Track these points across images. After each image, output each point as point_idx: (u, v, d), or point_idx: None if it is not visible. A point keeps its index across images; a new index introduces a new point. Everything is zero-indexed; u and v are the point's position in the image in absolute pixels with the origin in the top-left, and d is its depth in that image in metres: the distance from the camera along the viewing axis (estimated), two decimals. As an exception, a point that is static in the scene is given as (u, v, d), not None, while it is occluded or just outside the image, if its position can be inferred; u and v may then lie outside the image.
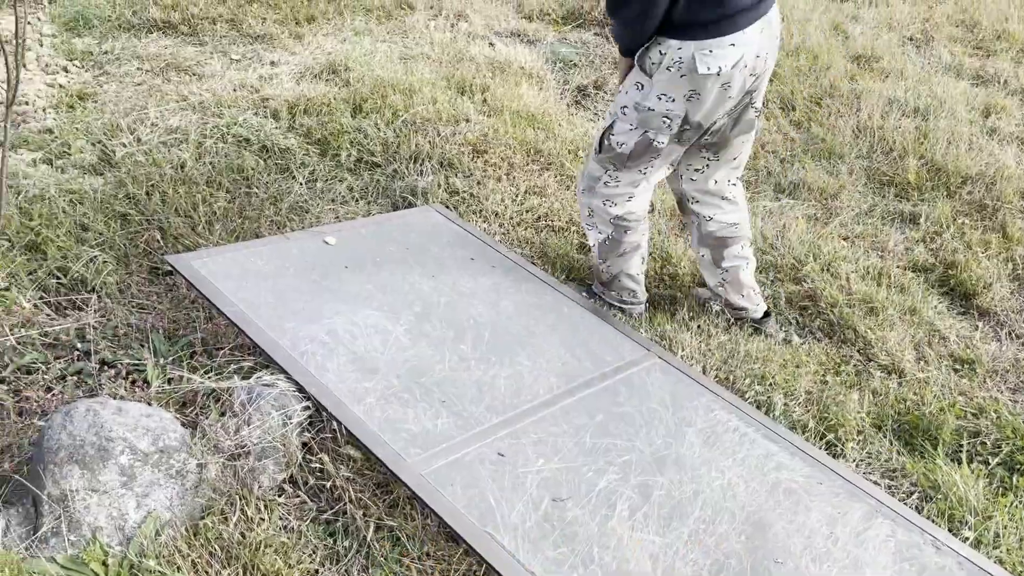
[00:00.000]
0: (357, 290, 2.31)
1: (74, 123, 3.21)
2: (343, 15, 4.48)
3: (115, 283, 2.40)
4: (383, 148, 3.19)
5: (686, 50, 2.08)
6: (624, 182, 2.39)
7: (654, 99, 2.18)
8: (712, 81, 2.11)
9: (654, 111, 2.19)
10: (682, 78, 2.11)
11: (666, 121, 2.20)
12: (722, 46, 2.08)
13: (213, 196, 2.78)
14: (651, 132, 2.23)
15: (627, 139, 2.28)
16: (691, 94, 2.14)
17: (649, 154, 2.29)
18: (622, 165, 2.34)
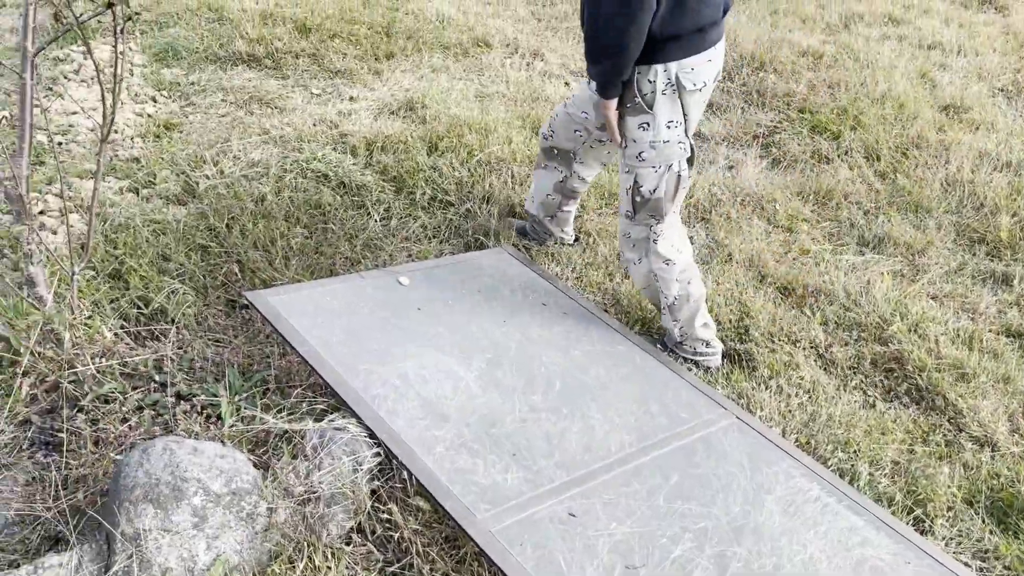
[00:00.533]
0: (429, 332, 2.30)
1: (160, 153, 3.30)
2: (421, 52, 4.54)
3: (193, 315, 2.44)
4: (457, 187, 3.19)
5: (671, 71, 2.12)
6: (670, 231, 2.38)
7: (664, 130, 2.19)
8: (696, 97, 2.18)
9: (669, 142, 2.21)
10: (677, 99, 2.16)
11: (681, 146, 2.24)
12: (701, 63, 2.14)
13: (291, 231, 2.81)
14: (675, 164, 2.26)
15: (657, 183, 2.28)
16: (684, 115, 2.21)
17: (681, 188, 2.31)
18: (661, 213, 2.33)
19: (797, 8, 5.59)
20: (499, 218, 3.03)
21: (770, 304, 2.79)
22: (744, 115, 4.18)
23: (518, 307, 2.51)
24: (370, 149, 3.36)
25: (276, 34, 4.42)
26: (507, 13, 5.40)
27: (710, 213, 3.30)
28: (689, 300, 2.44)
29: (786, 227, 3.27)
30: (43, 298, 2.10)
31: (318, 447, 1.80)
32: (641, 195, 2.30)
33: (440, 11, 5.15)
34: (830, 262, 3.06)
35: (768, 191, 3.46)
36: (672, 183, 2.28)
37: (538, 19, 5.40)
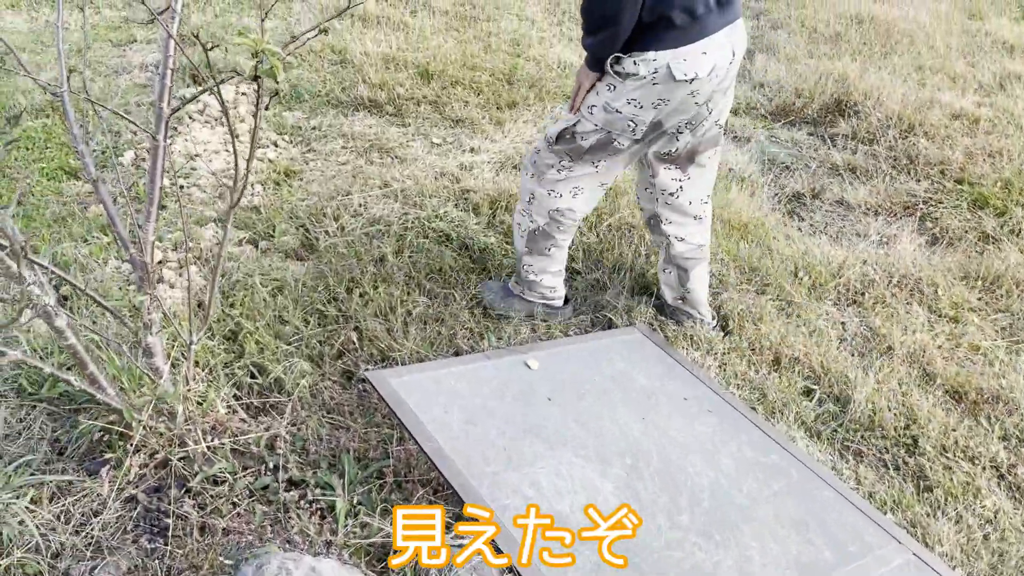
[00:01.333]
0: (560, 428, 2.08)
1: (280, 202, 3.22)
2: (543, 101, 4.38)
3: (308, 386, 2.29)
4: (584, 254, 2.98)
5: (661, 60, 2.08)
6: (576, 173, 2.38)
7: (623, 102, 2.17)
8: (683, 88, 2.12)
9: (621, 114, 2.19)
10: (655, 86, 2.12)
11: (631, 125, 2.21)
12: (695, 54, 2.08)
13: (411, 297, 2.65)
14: (614, 133, 2.24)
15: (589, 136, 2.28)
16: (659, 102, 2.15)
17: (607, 152, 2.31)
18: (578, 157, 2.34)
19: (945, 65, 5.20)
20: (630, 292, 2.79)
21: (939, 410, 2.45)
22: (893, 183, 3.83)
23: (656, 401, 2.27)
24: (493, 208, 3.20)
25: (398, 79, 4.35)
26: (630, 61, 5.20)
27: (863, 295, 2.98)
28: (548, 241, 2.50)
29: (951, 317, 2.92)
30: (159, 369, 1.99)
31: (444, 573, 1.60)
32: (573, 137, 2.31)
33: (562, 58, 5.01)
34: (1006, 363, 2.69)
35: (927, 273, 3.11)
36: (602, 144, 2.28)
37: (662, 68, 5.18)
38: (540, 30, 5.56)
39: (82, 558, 1.83)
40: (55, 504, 1.94)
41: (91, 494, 1.96)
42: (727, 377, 2.51)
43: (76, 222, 3.04)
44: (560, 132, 2.32)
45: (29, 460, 2.03)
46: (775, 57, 5.32)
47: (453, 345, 2.50)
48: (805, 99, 4.66)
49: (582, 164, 2.36)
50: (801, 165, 4.06)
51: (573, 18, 5.91)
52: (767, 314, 2.77)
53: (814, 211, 3.67)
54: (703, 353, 2.58)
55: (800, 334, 2.69)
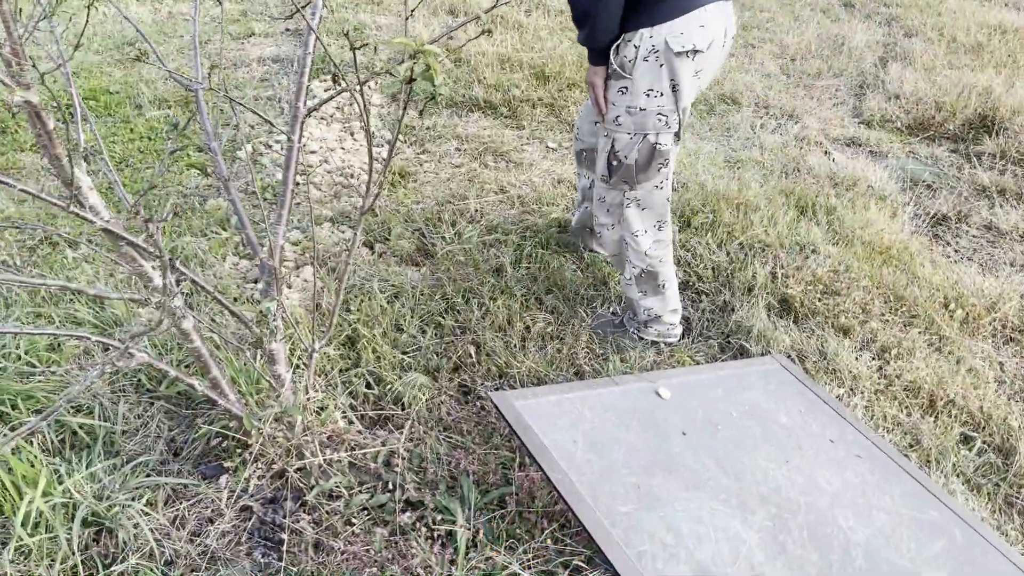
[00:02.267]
0: (696, 467, 1.91)
1: (396, 204, 3.15)
2: (664, 107, 4.19)
3: (425, 400, 2.19)
4: (713, 273, 2.79)
5: (658, 36, 2.02)
6: (646, 201, 2.29)
7: (643, 98, 2.11)
8: (687, 65, 2.05)
9: (646, 111, 2.12)
10: (661, 67, 2.06)
11: (662, 118, 2.14)
12: (691, 26, 2.02)
13: (530, 313, 2.53)
14: (651, 135, 2.16)
15: (630, 150, 2.19)
16: (673, 84, 2.08)
17: (657, 161, 2.21)
18: (634, 181, 2.25)
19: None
20: (766, 315, 2.59)
21: None
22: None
23: (800, 441, 2.07)
24: (615, 218, 3.04)
25: (513, 80, 4.24)
26: (753, 67, 4.96)
27: (1022, 333, 2.69)
28: (658, 279, 2.38)
29: None
30: (281, 376, 1.92)
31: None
32: (617, 159, 2.22)
33: (682, 62, 4.80)
34: None
35: (1099, 311, 2.79)
36: (646, 152, 2.18)
37: (787, 75, 4.92)
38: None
39: (196, 568, 1.78)
40: (170, 508, 1.89)
41: (206, 500, 1.91)
42: (875, 419, 2.28)
43: (196, 215, 3.04)
44: (607, 163, 2.25)
45: (146, 460, 2.00)
46: (911, 66, 4.97)
47: (574, 366, 2.36)
48: (946, 113, 4.32)
49: (642, 187, 2.26)
50: (944, 185, 3.74)
51: (692, 21, 5.68)
52: (917, 348, 2.53)
53: (960, 236, 3.37)
54: (847, 391, 2.36)
55: (955, 374, 2.44)
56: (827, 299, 2.67)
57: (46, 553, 1.72)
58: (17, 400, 2.02)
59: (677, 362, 2.41)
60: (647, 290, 2.39)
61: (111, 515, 1.80)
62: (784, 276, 2.74)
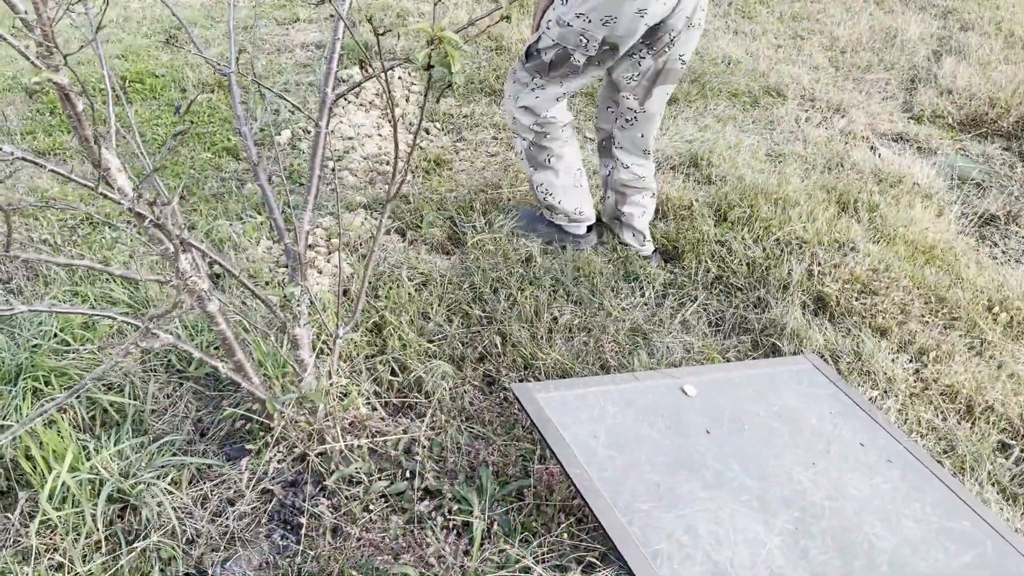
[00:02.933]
0: (720, 467, 1.87)
1: (430, 192, 3.15)
2: (706, 98, 4.12)
3: (449, 388, 2.19)
4: (748, 269, 2.74)
5: None
6: (548, 91, 2.48)
7: (572, 16, 2.26)
8: (627, 5, 2.17)
9: (572, 27, 2.28)
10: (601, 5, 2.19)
11: (583, 40, 2.29)
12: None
13: (558, 303, 2.51)
14: (569, 48, 2.33)
15: (549, 52, 2.38)
16: (607, 18, 2.22)
17: (566, 67, 2.39)
18: (545, 74, 2.44)
19: None
20: (801, 313, 2.53)
21: None
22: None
23: (829, 445, 2.02)
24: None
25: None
26: (800, 59, 4.84)
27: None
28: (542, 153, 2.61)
29: None
30: (304, 361, 1.93)
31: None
32: (537, 51, 2.41)
33: (726, 52, 4.71)
34: None
35: None
36: (561, 59, 2.37)
37: (836, 67, 4.80)
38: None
39: (216, 547, 1.80)
40: (194, 488, 1.92)
41: (229, 481, 1.94)
42: (909, 423, 2.22)
43: (233, 199, 3.07)
44: (527, 49, 2.45)
45: (172, 440, 2.03)
46: (965, 61, 4.81)
47: (600, 358, 2.34)
48: (1000, 109, 4.18)
49: (550, 82, 2.46)
50: (995, 184, 3.62)
51: (740, 10, 5.57)
52: (956, 351, 2.45)
53: (1009, 237, 3.26)
54: (881, 392, 2.30)
55: (996, 379, 2.36)
56: (865, 298, 2.60)
57: (72, 527, 1.76)
58: (51, 377, 2.07)
59: (706, 359, 2.37)
60: (536, 164, 2.65)
61: (136, 492, 1.83)
62: (821, 274, 2.68)
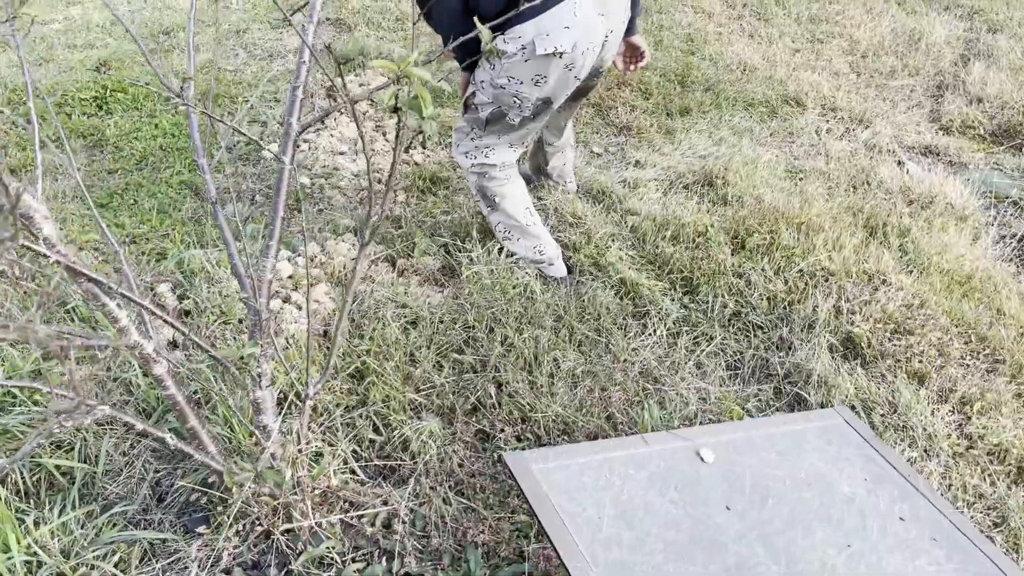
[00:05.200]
0: (742, 549, 1.64)
1: (423, 215, 2.92)
2: (720, 108, 3.88)
3: (436, 446, 1.96)
4: (768, 304, 2.49)
5: (527, 35, 2.08)
6: (485, 142, 2.43)
7: (504, 79, 2.19)
8: (556, 63, 2.13)
9: (504, 90, 2.22)
10: (527, 63, 2.13)
11: (516, 102, 2.24)
12: (557, 29, 2.07)
13: (560, 344, 2.27)
14: (504, 108, 2.27)
15: (485, 108, 2.31)
16: (538, 78, 2.17)
17: (503, 125, 2.34)
18: (482, 128, 2.39)
19: None
20: (828, 356, 2.29)
21: None
22: None
23: (864, 520, 1.78)
24: (658, 236, 2.76)
25: (558, 77, 3.96)
26: (820, 64, 4.58)
27: None
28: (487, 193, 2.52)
29: None
30: (267, 427, 1.70)
31: None
32: (474, 104, 2.33)
33: (742, 58, 4.46)
34: None
35: None
36: (496, 117, 2.31)
37: (858, 73, 4.53)
38: (718, 24, 5.02)
39: (166, 642, 1.58)
40: (144, 568, 1.70)
41: (185, 559, 1.72)
42: (953, 489, 1.98)
43: (210, 222, 2.85)
44: (465, 102, 2.38)
45: (125, 509, 1.81)
46: (995, 66, 4.54)
47: (606, 409, 2.10)
48: (1036, 118, 3.91)
49: (488, 135, 2.39)
50: (1034, 201, 3.36)
51: (755, 12, 5.32)
52: (1003, 400, 2.20)
53: (1052, 261, 3.00)
54: (921, 453, 2.05)
55: (1049, 435, 2.11)
56: (899, 339, 2.35)
57: (-3, 624, 1.54)
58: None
59: (723, 411, 2.13)
60: (490, 205, 2.55)
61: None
62: (850, 311, 2.43)
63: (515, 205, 2.55)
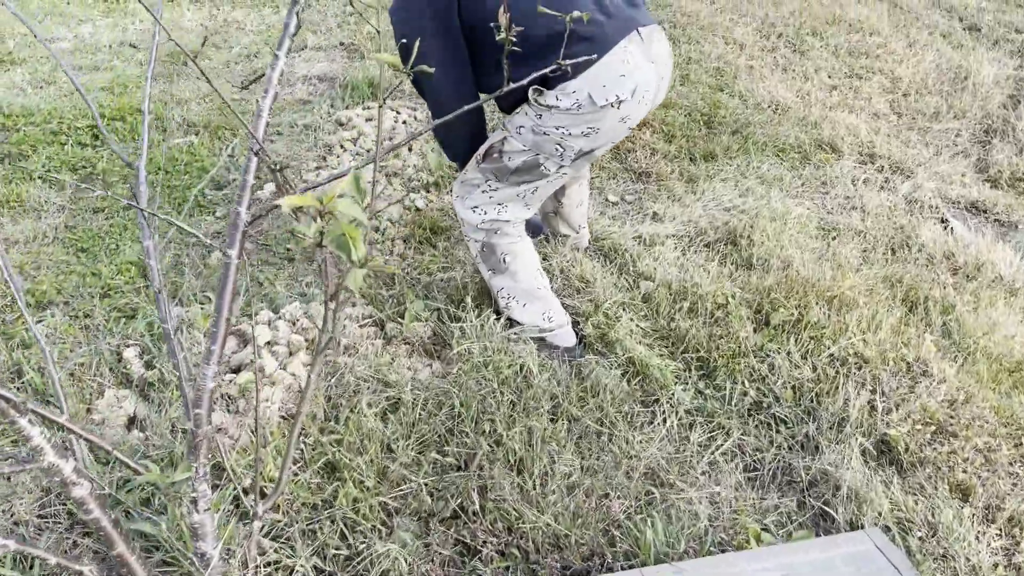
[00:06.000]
0: None
1: (419, 271, 2.70)
2: (749, 153, 3.62)
3: (408, 562, 1.73)
4: (794, 394, 2.24)
5: (581, 91, 1.95)
6: (501, 195, 2.22)
7: (551, 127, 2.03)
8: (611, 114, 2.00)
9: (548, 137, 2.05)
10: (580, 113, 1.98)
11: (559, 150, 2.08)
12: (613, 78, 1.95)
13: (555, 438, 2.03)
14: (542, 156, 2.10)
15: (516, 157, 2.12)
16: (589, 130, 2.03)
17: (534, 175, 2.16)
18: (503, 177, 2.18)
19: None
20: (860, 462, 2.03)
21: None
22: None
23: None
24: (673, 307, 2.51)
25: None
26: (858, 103, 4.30)
27: None
28: (496, 252, 2.30)
29: None
30: (206, 555, 1.48)
31: None
32: (500, 154, 2.14)
33: (774, 96, 4.20)
34: None
35: None
36: (529, 166, 2.12)
37: (899, 114, 4.25)
38: (750, 56, 4.76)
39: None
40: None
41: None
42: (1003, 639, 1.71)
43: (192, 272, 2.66)
44: (487, 149, 2.16)
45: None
46: (1049, 108, 4.23)
47: (604, 520, 1.86)
48: (1093, 171, 3.61)
49: (507, 186, 2.19)
50: (1092, 270, 3.06)
51: (790, 42, 5.05)
52: (1060, 523, 1.92)
53: (1113, 343, 2.70)
54: (964, 588, 1.79)
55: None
56: (940, 443, 2.08)
57: None
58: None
59: (739, 528, 1.88)
60: (492, 267, 2.33)
61: None
62: (886, 409, 2.17)
63: (525, 266, 2.33)
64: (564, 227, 2.80)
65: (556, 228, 2.82)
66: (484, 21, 1.94)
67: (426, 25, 1.94)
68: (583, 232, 2.85)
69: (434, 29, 1.95)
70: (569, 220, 2.78)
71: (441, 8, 1.94)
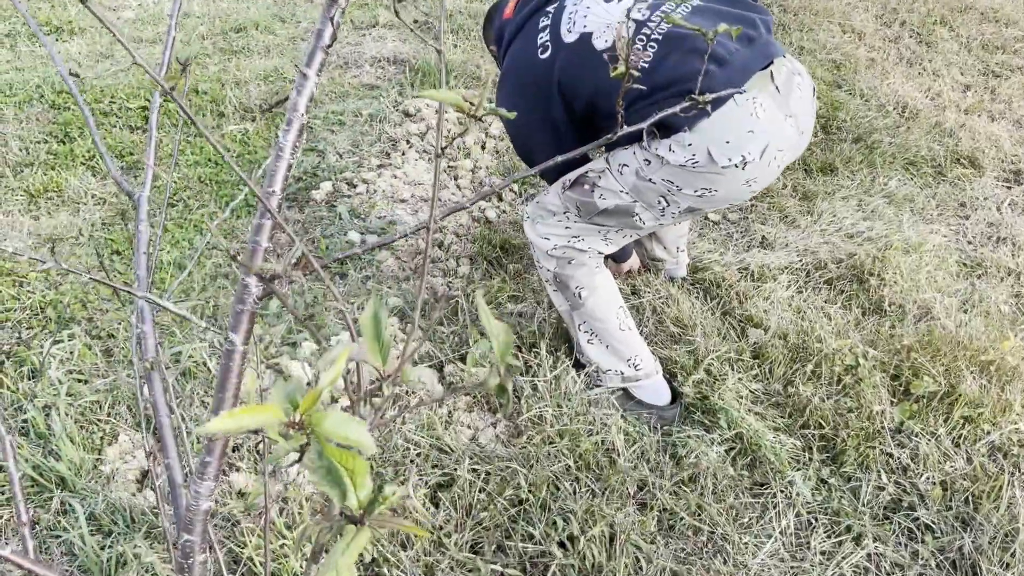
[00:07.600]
0: None
1: (489, 299, 2.33)
2: (874, 166, 3.11)
3: None
4: (944, 492, 1.79)
5: (698, 146, 1.60)
6: (576, 232, 1.87)
7: (660, 179, 1.68)
8: (734, 176, 1.62)
9: (654, 186, 1.70)
10: (697, 172, 1.63)
11: (663, 203, 1.73)
12: (739, 134, 1.58)
13: (644, 535, 1.64)
14: (639, 205, 1.75)
15: (610, 198, 1.77)
16: (704, 191, 1.67)
17: (623, 223, 1.81)
18: (586, 215, 1.82)
19: None
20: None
21: None
22: None
23: None
24: (793, 364, 2.08)
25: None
26: (998, 107, 3.72)
27: None
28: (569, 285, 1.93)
29: None
30: None
31: None
32: (592, 188, 1.78)
33: (900, 96, 3.65)
34: None
35: None
36: (622, 212, 1.78)
37: (1047, 121, 3.65)
38: (870, 48, 4.20)
39: None
40: None
41: None
42: None
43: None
44: (579, 176, 1.82)
45: None
46: None
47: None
48: None
49: (587, 225, 1.85)
50: None
51: (914, 32, 4.46)
52: None
53: None
54: None
55: None
56: None
57: None
58: None
59: None
60: (571, 302, 1.97)
61: None
62: (1067, 524, 1.71)
63: (605, 303, 1.96)
64: (659, 249, 2.39)
65: (649, 250, 2.41)
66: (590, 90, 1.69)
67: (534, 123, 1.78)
68: (681, 257, 2.43)
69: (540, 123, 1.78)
70: (664, 241, 2.37)
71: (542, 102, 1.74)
